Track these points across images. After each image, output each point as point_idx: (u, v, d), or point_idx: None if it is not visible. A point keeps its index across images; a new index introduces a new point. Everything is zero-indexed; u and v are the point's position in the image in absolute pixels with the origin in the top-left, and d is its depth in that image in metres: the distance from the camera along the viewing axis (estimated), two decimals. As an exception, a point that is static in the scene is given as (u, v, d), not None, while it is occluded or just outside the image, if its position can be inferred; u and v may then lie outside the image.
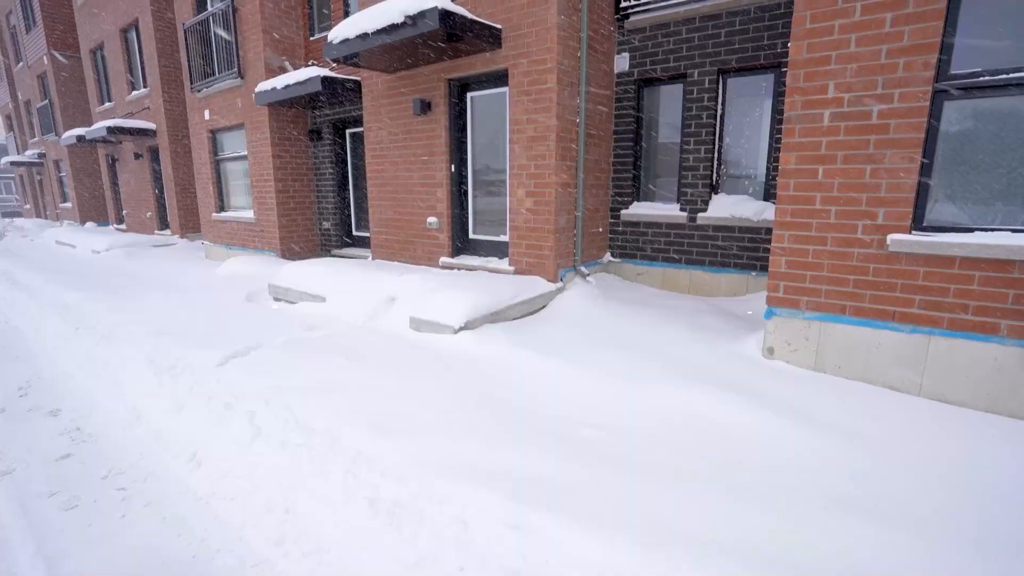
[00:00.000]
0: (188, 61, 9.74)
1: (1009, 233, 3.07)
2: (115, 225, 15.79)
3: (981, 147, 3.17)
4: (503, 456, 2.59)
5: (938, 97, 3.21)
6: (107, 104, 13.95)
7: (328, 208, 9.30)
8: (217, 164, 10.21)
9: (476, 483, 2.33)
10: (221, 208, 10.40)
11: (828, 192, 3.57)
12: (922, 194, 3.32)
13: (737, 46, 5.23)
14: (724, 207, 5.57)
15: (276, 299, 6.53)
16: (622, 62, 6.05)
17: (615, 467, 2.53)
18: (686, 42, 5.54)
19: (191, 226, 12.44)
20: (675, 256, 5.99)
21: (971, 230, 3.20)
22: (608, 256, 6.51)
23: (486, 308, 4.65)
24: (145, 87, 12.28)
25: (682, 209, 5.86)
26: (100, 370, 4.41)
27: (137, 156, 13.12)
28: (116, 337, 4.85)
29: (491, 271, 6.00)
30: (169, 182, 12.14)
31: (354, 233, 9.27)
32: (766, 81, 5.28)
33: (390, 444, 2.69)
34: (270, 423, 3.07)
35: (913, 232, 3.33)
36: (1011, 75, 3.01)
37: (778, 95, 5.16)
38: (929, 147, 3.26)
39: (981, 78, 3.10)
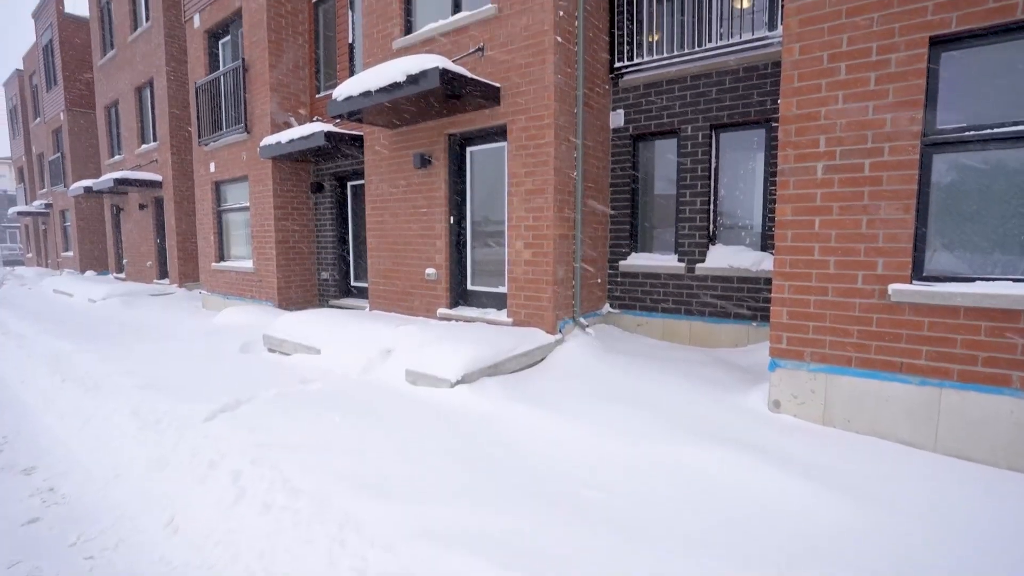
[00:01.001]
0: (197, 117, 10.09)
1: (1011, 283, 3.04)
2: (114, 274, 15.83)
3: (974, 198, 3.21)
4: (501, 522, 2.43)
5: (927, 151, 3.28)
6: (117, 157, 14.33)
7: (327, 259, 9.35)
8: (219, 215, 10.36)
9: (471, 552, 2.17)
10: (221, 258, 10.45)
11: (826, 243, 3.57)
12: (920, 244, 3.32)
13: (728, 103, 5.42)
14: (722, 258, 5.59)
15: (271, 350, 6.42)
16: (617, 118, 6.26)
17: (620, 533, 2.37)
18: (678, 99, 5.75)
19: (190, 276, 12.46)
20: (674, 307, 5.95)
21: (972, 279, 3.18)
22: (607, 307, 6.47)
23: (484, 361, 4.55)
24: (154, 141, 12.66)
25: (680, 260, 5.87)
26: (83, 424, 4.25)
27: (142, 207, 13.34)
28: (103, 389, 4.71)
29: (489, 323, 5.93)
30: (171, 232, 12.28)
31: (352, 284, 9.27)
32: (757, 136, 5.43)
33: (381, 508, 2.53)
34: (255, 483, 2.90)
35: (914, 282, 3.31)
36: (995, 130, 3.09)
37: (770, 148, 5.29)
38: (923, 198, 3.30)
39: (967, 133, 3.17)
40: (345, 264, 9.30)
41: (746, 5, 5.28)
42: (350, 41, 8.44)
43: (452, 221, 6.46)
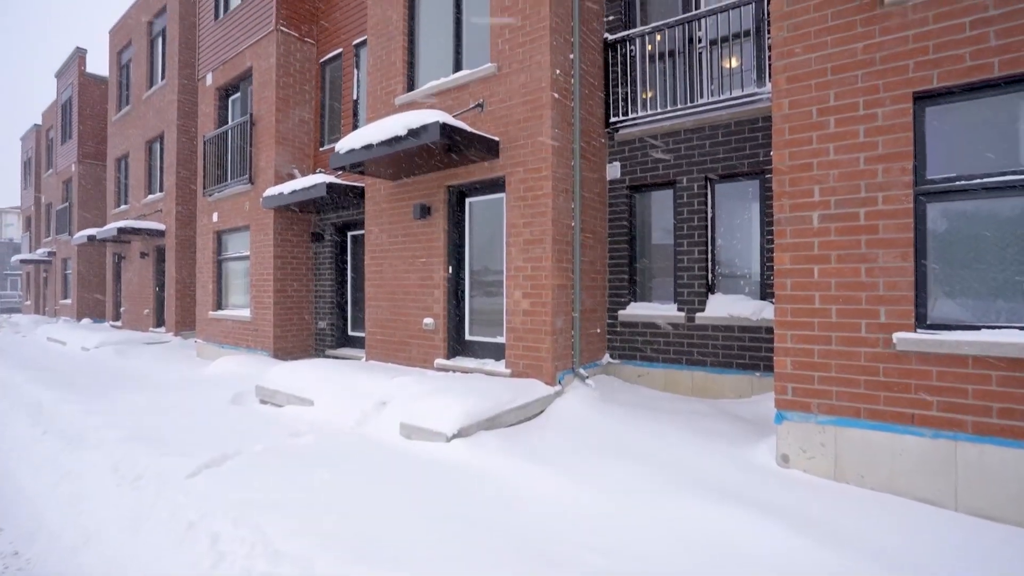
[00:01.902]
0: (204, 168, 10.34)
1: (1018, 331, 2.98)
2: (111, 322, 15.73)
3: (972, 246, 3.21)
4: (496, 589, 2.25)
5: (920, 200, 3.31)
6: (123, 207, 14.59)
7: (325, 308, 9.30)
8: (219, 263, 10.40)
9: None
10: (218, 306, 10.40)
11: (826, 291, 3.55)
12: (921, 292, 3.29)
13: (721, 155, 5.56)
14: (722, 306, 5.55)
15: (263, 401, 6.25)
16: (614, 170, 6.40)
17: (625, 603, 2.18)
18: (673, 152, 5.90)
19: (187, 324, 12.37)
20: (675, 357, 5.85)
21: (977, 327, 3.13)
22: (607, 357, 6.37)
23: (481, 414, 4.41)
24: (161, 191, 12.92)
25: (680, 309, 5.83)
26: (58, 481, 4.05)
27: (143, 255, 13.43)
28: (85, 442, 4.53)
29: (487, 373, 5.81)
30: (171, 280, 12.30)
31: (349, 333, 9.18)
32: (752, 186, 5.53)
33: (368, 575, 2.35)
34: (235, 547, 2.72)
35: (918, 330, 3.25)
36: (984, 180, 3.14)
37: (765, 199, 5.37)
38: (920, 246, 3.30)
39: (957, 183, 3.22)
40: (343, 313, 9.25)
41: (735, 64, 5.52)
42: (355, 97, 8.78)
43: (451, 271, 6.46)
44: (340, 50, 9.07)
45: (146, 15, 13.51)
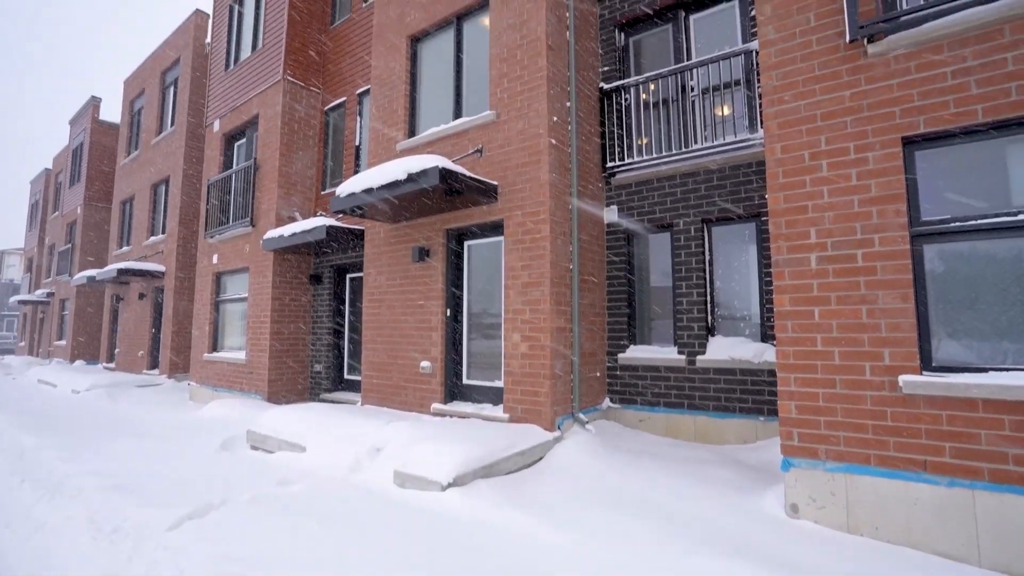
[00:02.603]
0: (207, 211, 10.48)
1: (1026, 375, 2.92)
2: (104, 364, 15.53)
3: (972, 287, 3.19)
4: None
5: (916, 241, 3.32)
6: (125, 248, 14.71)
7: (321, 351, 9.20)
8: (217, 305, 10.36)
9: None
10: (214, 348, 10.29)
11: (827, 333, 3.50)
12: (925, 333, 3.24)
13: (717, 199, 5.63)
14: (722, 349, 5.48)
15: (254, 447, 6.06)
16: (611, 214, 6.47)
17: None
18: (669, 196, 5.98)
19: (181, 366, 12.21)
20: (677, 401, 5.72)
21: (984, 370, 3.06)
22: (607, 402, 6.23)
23: (478, 461, 4.26)
24: (163, 233, 13.06)
25: (680, 352, 5.75)
26: (31, 533, 3.84)
27: (141, 296, 13.41)
28: (64, 491, 4.34)
29: (485, 419, 5.66)
30: (168, 321, 12.23)
31: (345, 377, 9.04)
32: (748, 229, 5.57)
33: (352, 638, 2.18)
34: (212, 606, 2.54)
35: (924, 373, 3.18)
36: (978, 222, 3.15)
37: (761, 241, 5.40)
38: (920, 287, 3.28)
39: (952, 224, 3.23)
40: (339, 356, 9.13)
41: (727, 112, 5.69)
42: (357, 143, 9.01)
43: (448, 313, 6.42)
44: (344, 98, 9.38)
45: (160, 66, 14.08)
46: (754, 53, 5.32)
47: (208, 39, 12.53)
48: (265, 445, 5.85)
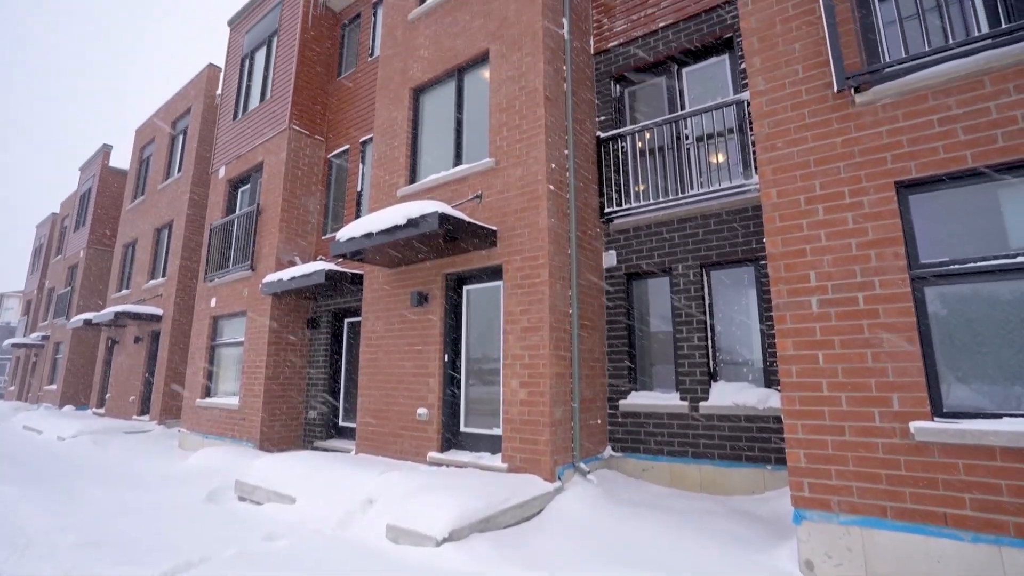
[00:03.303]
0: (207, 254, 10.53)
1: (1042, 422, 2.82)
2: (94, 409, 15.19)
3: (978, 330, 3.14)
4: None
5: (917, 283, 3.30)
6: (124, 291, 14.72)
7: (316, 397, 9.01)
8: (212, 349, 10.24)
9: None
10: (207, 394, 10.08)
11: (833, 378, 3.42)
12: (933, 377, 3.16)
13: (715, 243, 5.66)
14: (726, 395, 5.35)
15: (241, 498, 5.81)
16: (610, 258, 6.50)
17: None
18: (667, 240, 6.02)
19: (172, 412, 11.93)
20: (680, 449, 5.54)
21: (999, 415, 2.96)
22: (609, 450, 6.03)
23: (475, 514, 4.06)
24: (163, 276, 13.09)
25: (682, 398, 5.62)
26: (-2, 594, 3.61)
27: (137, 340, 13.28)
28: (35, 548, 4.10)
29: (482, 468, 5.46)
30: (162, 365, 12.06)
31: (340, 424, 8.81)
32: (747, 273, 5.57)
33: None
34: None
35: (935, 419, 3.08)
36: (977, 264, 3.14)
37: (761, 284, 5.39)
38: (925, 330, 3.23)
39: (952, 267, 3.22)
40: (334, 402, 8.94)
41: (721, 159, 5.82)
42: (359, 189, 9.18)
43: (446, 359, 6.31)
44: (347, 146, 9.64)
45: (171, 116, 14.57)
46: (745, 103, 5.50)
47: (219, 90, 13.02)
48: (253, 496, 5.62)
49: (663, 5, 6.56)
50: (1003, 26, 3.22)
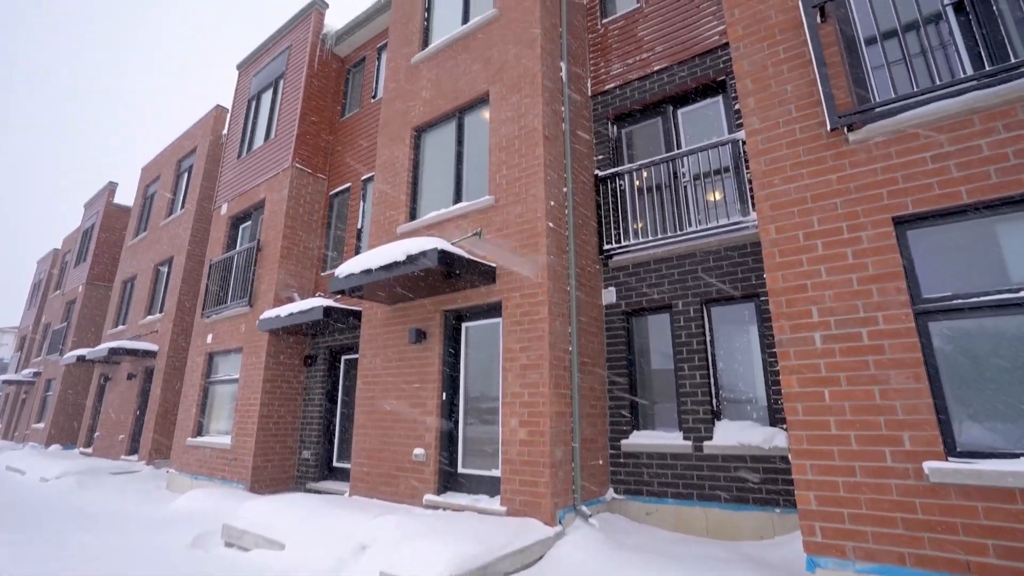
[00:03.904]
0: (206, 290, 10.51)
1: (1060, 462, 2.73)
2: (81, 449, 14.79)
3: (987, 365, 3.08)
4: None
5: (921, 318, 3.26)
6: (120, 327, 14.60)
7: (310, 436, 8.79)
8: (206, 387, 10.06)
9: None
10: (199, 432, 9.83)
11: (840, 415, 3.33)
12: (944, 415, 3.08)
13: (715, 279, 5.66)
14: (730, 434, 5.22)
15: (228, 544, 5.55)
16: (609, 295, 6.47)
17: None
18: (667, 277, 6.02)
19: (162, 452, 11.60)
20: (685, 491, 5.35)
21: (1016, 455, 2.86)
22: (611, 492, 5.83)
23: (472, 561, 3.87)
24: (160, 312, 13.02)
25: (686, 438, 5.48)
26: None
27: (130, 376, 13.08)
28: (8, 597, 3.89)
29: (480, 511, 5.25)
30: (154, 402, 11.83)
31: (334, 464, 8.56)
32: (747, 309, 5.54)
33: None
34: None
35: (949, 459, 2.97)
36: (981, 298, 3.11)
37: (762, 321, 5.34)
38: (932, 366, 3.16)
39: (955, 301, 3.19)
40: (329, 442, 8.71)
41: (718, 198, 5.89)
42: (359, 226, 9.25)
43: (444, 397, 6.19)
44: (348, 184, 9.78)
45: (177, 155, 14.87)
46: (740, 142, 5.61)
47: (225, 130, 13.34)
48: (241, 542, 5.37)
49: (657, 50, 6.81)
50: (987, 68, 3.32)
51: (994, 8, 3.46)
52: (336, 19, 11.56)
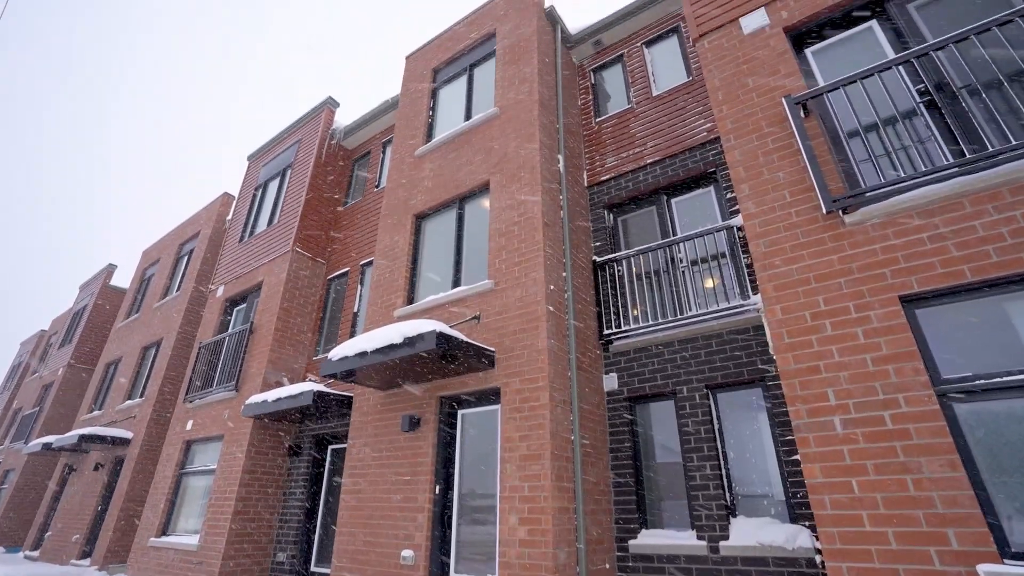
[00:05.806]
0: (192, 374, 10.13)
1: None
2: (27, 552, 13.39)
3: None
4: None
5: (944, 400, 3.11)
6: (95, 412, 13.88)
7: (287, 536, 8.02)
8: (179, 478, 9.34)
9: None
10: (164, 531, 8.96)
11: (873, 509, 3.05)
12: (989, 509, 2.82)
13: (719, 364, 5.51)
14: (748, 533, 4.78)
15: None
16: (611, 381, 6.27)
17: None
18: (670, 362, 5.87)
19: (118, 554, 10.48)
20: (705, 600, 4.79)
21: (1075, 560, 2.58)
22: (621, 601, 5.22)
23: None
24: (140, 397, 12.46)
25: (700, 537, 5.01)
26: None
27: (97, 467, 12.18)
28: None
29: (474, 622, 4.64)
30: (119, 496, 10.89)
31: (312, 568, 7.72)
32: (755, 394, 5.34)
33: None
34: None
35: (1006, 561, 2.67)
36: (1005, 379, 2.99)
37: (773, 407, 5.12)
38: (965, 452, 2.96)
39: (977, 382, 3.06)
40: (308, 542, 7.93)
41: (716, 283, 5.92)
42: (356, 310, 9.17)
43: (437, 491, 5.73)
44: (347, 269, 9.86)
45: (180, 239, 15.13)
46: (735, 228, 5.76)
47: (230, 216, 13.71)
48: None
49: (649, 145, 7.23)
50: (967, 156, 3.48)
51: (963, 104, 3.70)
52: (344, 116, 12.37)
